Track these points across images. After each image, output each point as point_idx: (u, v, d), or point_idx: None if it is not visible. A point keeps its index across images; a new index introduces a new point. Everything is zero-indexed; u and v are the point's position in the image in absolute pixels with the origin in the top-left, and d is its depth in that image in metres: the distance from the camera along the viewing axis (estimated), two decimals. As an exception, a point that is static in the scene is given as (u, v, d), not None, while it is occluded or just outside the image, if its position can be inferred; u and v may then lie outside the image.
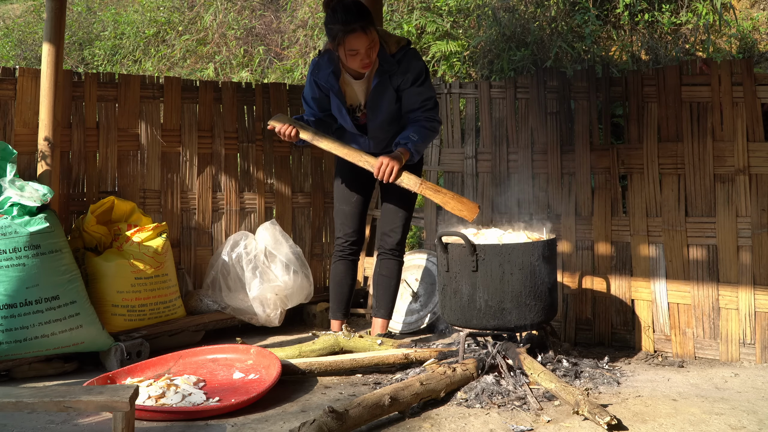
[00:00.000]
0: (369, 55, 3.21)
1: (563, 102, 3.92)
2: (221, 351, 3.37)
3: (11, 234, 3.21)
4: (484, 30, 6.63)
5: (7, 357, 3.21)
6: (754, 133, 3.41)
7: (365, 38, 3.16)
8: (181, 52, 8.20)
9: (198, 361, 3.30)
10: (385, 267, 3.67)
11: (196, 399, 2.87)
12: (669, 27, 6.24)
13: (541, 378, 2.87)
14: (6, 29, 9.47)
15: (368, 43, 3.17)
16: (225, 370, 3.23)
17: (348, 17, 3.14)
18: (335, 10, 3.18)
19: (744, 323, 3.40)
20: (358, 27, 3.13)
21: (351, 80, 3.37)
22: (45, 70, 3.59)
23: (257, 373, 3.16)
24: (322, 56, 3.35)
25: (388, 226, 3.62)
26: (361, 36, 3.15)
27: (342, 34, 3.15)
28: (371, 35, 3.18)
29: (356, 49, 3.17)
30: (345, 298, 3.70)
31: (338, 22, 3.15)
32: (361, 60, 3.21)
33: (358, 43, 3.15)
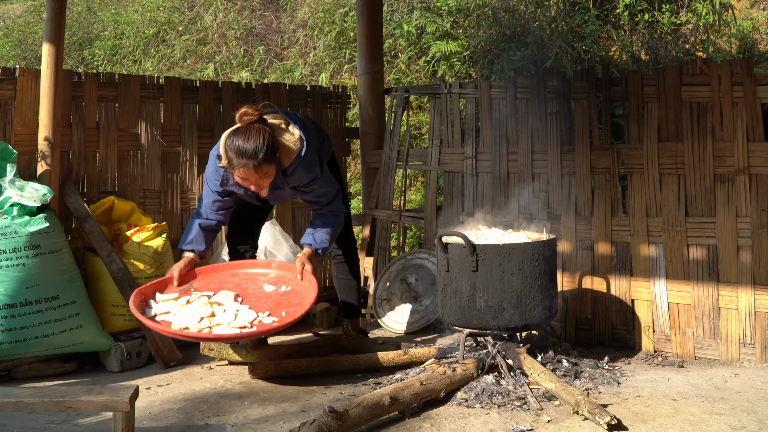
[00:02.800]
0: (260, 184, 3.11)
1: (563, 102, 3.92)
2: (240, 266, 3.35)
3: (11, 234, 3.21)
4: (484, 30, 6.63)
5: (7, 357, 3.21)
6: (754, 133, 3.41)
7: (253, 174, 3.04)
8: (181, 52, 8.20)
9: (220, 277, 3.29)
10: (336, 270, 3.75)
11: (247, 316, 2.90)
12: (669, 27, 6.24)
13: (541, 378, 2.87)
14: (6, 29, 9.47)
15: (258, 177, 3.06)
16: (252, 284, 3.21)
17: (241, 154, 3.01)
18: (232, 141, 3.03)
19: (744, 323, 3.40)
20: (249, 164, 3.01)
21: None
22: (45, 70, 3.59)
23: (287, 284, 3.15)
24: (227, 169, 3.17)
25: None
26: (249, 171, 3.03)
27: (232, 166, 3.05)
28: (261, 171, 3.04)
29: (246, 179, 3.07)
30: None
31: (231, 154, 3.03)
32: (253, 187, 3.12)
33: (245, 175, 3.05)
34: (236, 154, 3.03)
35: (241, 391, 3.08)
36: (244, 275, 3.31)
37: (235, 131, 3.06)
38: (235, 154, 3.03)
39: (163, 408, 2.88)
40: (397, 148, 4.57)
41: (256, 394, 3.03)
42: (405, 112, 4.63)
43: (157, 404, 2.93)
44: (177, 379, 3.29)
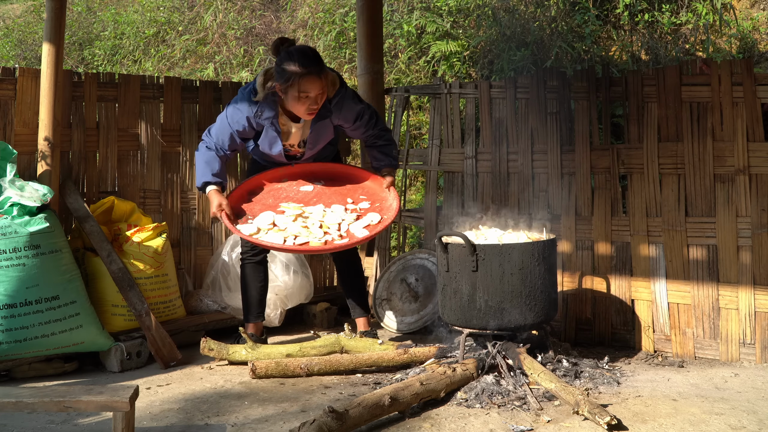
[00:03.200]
0: (317, 101, 3.21)
1: (563, 102, 3.92)
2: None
3: (11, 234, 3.21)
4: (484, 30, 6.63)
5: (7, 357, 3.21)
6: (754, 133, 3.41)
7: (319, 83, 3.17)
8: (181, 52, 8.20)
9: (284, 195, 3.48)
10: (341, 270, 3.75)
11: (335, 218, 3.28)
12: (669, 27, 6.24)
13: (541, 378, 2.87)
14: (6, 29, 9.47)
15: (320, 89, 3.19)
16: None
17: (306, 60, 3.16)
18: (291, 53, 3.18)
19: (744, 323, 3.40)
20: (314, 71, 3.15)
21: (288, 122, 3.38)
22: (45, 70, 3.59)
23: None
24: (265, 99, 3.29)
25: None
26: (315, 81, 3.16)
27: (297, 77, 3.14)
28: (323, 82, 3.19)
29: (308, 92, 3.17)
30: (254, 301, 3.68)
31: (295, 64, 3.14)
32: (308, 106, 3.21)
33: (311, 86, 3.16)
34: (300, 64, 3.13)
35: (241, 391, 3.08)
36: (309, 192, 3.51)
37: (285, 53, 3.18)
38: (299, 64, 3.13)
39: (163, 408, 2.88)
40: (398, 147, 4.56)
41: (256, 394, 3.03)
42: (405, 112, 4.63)
43: (157, 404, 2.93)
44: (177, 379, 3.29)
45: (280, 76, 3.19)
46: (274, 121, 3.33)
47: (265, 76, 3.30)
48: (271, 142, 3.40)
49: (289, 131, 3.42)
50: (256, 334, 3.66)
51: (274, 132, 3.36)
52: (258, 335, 3.67)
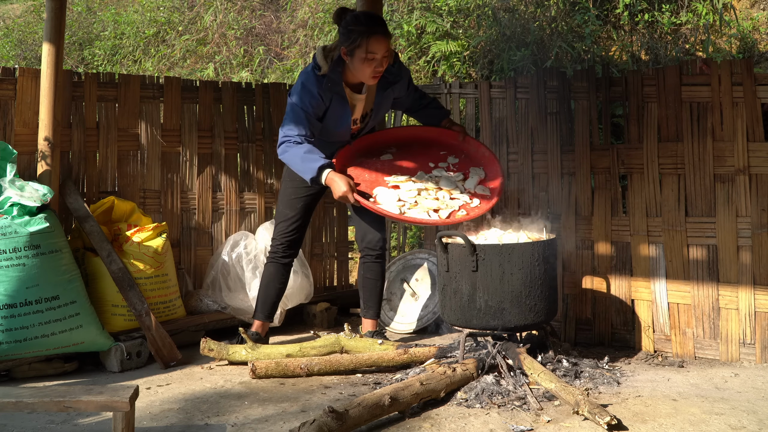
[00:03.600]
0: (382, 63, 3.26)
1: (563, 102, 3.92)
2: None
3: (11, 234, 3.21)
4: (484, 30, 6.63)
5: (7, 357, 3.21)
6: (754, 133, 3.41)
7: (386, 43, 3.23)
8: (181, 52, 8.20)
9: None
10: (369, 270, 3.70)
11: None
12: (669, 27, 6.24)
13: (541, 378, 2.87)
14: (6, 29, 9.47)
15: (386, 50, 3.24)
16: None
17: (372, 21, 3.24)
18: (357, 15, 3.27)
19: (744, 323, 3.40)
20: (380, 31, 3.22)
21: (353, 94, 3.40)
22: (45, 70, 3.59)
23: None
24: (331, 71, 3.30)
25: (365, 228, 3.65)
26: (382, 40, 3.21)
27: (365, 36, 3.19)
28: (389, 44, 3.26)
29: (375, 53, 3.21)
30: (270, 300, 3.69)
31: (362, 25, 3.21)
32: (374, 68, 3.24)
33: (378, 46, 3.20)
34: (367, 24, 3.20)
35: (241, 391, 3.08)
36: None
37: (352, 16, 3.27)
38: (366, 25, 3.20)
39: (163, 408, 2.88)
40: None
41: (256, 394, 3.03)
42: (405, 112, 4.62)
43: (157, 404, 2.93)
44: (177, 379, 3.29)
45: (347, 38, 3.23)
46: (341, 90, 3.34)
47: (325, 50, 3.33)
48: (338, 116, 3.38)
49: (353, 104, 3.42)
50: (261, 334, 3.67)
51: (342, 102, 3.35)
52: (262, 335, 3.68)
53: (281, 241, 3.63)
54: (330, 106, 3.35)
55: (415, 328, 4.14)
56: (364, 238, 3.66)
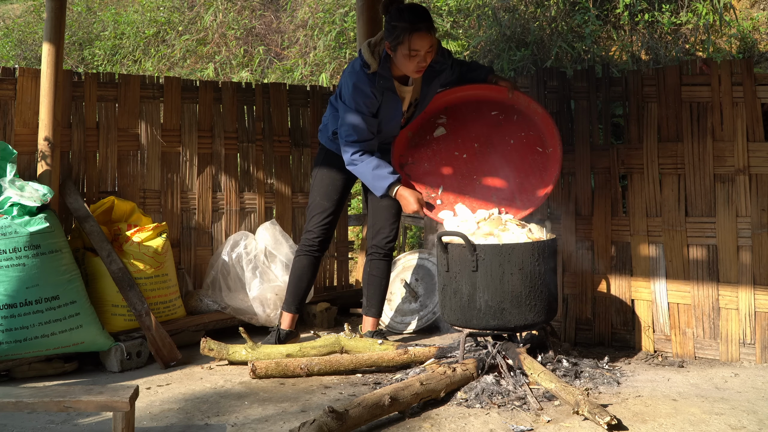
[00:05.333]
0: (426, 59, 3.23)
1: (563, 102, 3.92)
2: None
3: (11, 234, 3.21)
4: (484, 30, 6.63)
5: (7, 357, 3.21)
6: (754, 133, 3.41)
7: (429, 39, 3.19)
8: (181, 52, 8.20)
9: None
10: (375, 267, 3.70)
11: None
12: (669, 27, 6.24)
13: (541, 378, 2.87)
14: (6, 29, 9.47)
15: (430, 45, 3.21)
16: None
17: (415, 17, 3.18)
18: (401, 9, 3.21)
19: (744, 323, 3.40)
20: (423, 27, 3.17)
21: (401, 87, 3.39)
22: (45, 70, 3.59)
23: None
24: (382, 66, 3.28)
25: (380, 225, 3.65)
26: (425, 37, 3.18)
27: (408, 32, 3.16)
28: (433, 39, 3.22)
29: (418, 49, 3.19)
30: (302, 293, 3.71)
31: (405, 21, 3.17)
32: (418, 63, 3.22)
33: (421, 43, 3.18)
34: (410, 20, 3.16)
35: (241, 391, 3.08)
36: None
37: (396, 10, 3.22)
38: (409, 20, 3.16)
39: (163, 408, 2.88)
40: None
41: (256, 394, 3.03)
42: (405, 112, 4.62)
43: (157, 404, 2.93)
44: (177, 379, 3.29)
45: (390, 34, 3.21)
46: (392, 85, 3.32)
47: (370, 46, 3.30)
48: (391, 110, 3.37)
49: (403, 96, 3.41)
50: (293, 328, 3.71)
51: (394, 96, 3.34)
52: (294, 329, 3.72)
53: (317, 234, 3.62)
54: (383, 102, 3.34)
55: (415, 328, 4.14)
56: (376, 236, 3.66)
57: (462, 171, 3.50)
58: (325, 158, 3.66)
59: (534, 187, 3.43)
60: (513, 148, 3.51)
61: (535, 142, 3.51)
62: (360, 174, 3.35)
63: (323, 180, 3.63)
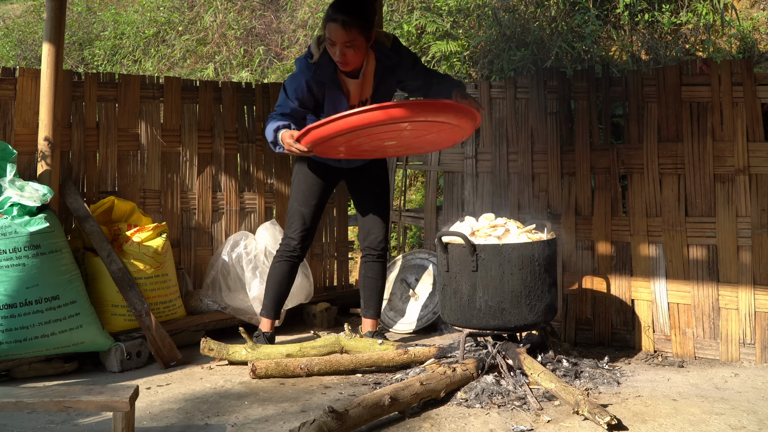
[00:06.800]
0: (344, 53, 3.15)
1: (563, 102, 3.92)
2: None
3: (11, 234, 3.21)
4: (484, 30, 6.63)
5: (7, 357, 3.21)
6: (754, 133, 3.41)
7: (342, 33, 3.10)
8: (181, 52, 8.20)
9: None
10: (370, 269, 3.71)
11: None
12: (669, 27, 6.24)
13: (541, 378, 2.87)
14: (6, 29, 9.47)
15: (345, 40, 3.11)
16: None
17: (336, 8, 3.11)
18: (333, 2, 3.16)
19: (744, 323, 3.40)
20: (339, 19, 3.09)
21: (347, 80, 3.36)
22: (45, 70, 3.59)
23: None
24: (321, 57, 3.28)
25: (369, 226, 3.65)
26: (338, 29, 3.10)
27: (325, 21, 3.14)
28: (350, 34, 3.11)
29: (332, 40, 3.14)
30: (282, 298, 3.71)
31: (328, 11, 3.14)
32: (334, 54, 3.17)
33: (335, 34, 3.12)
34: (331, 8, 3.09)
35: (241, 391, 3.08)
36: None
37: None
38: (331, 8, 3.09)
39: (163, 408, 2.88)
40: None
41: (256, 394, 3.03)
42: (405, 112, 4.62)
43: (157, 404, 2.93)
44: (177, 379, 3.29)
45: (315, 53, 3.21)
46: (334, 76, 3.28)
47: (319, 39, 3.28)
48: (335, 104, 3.33)
49: (348, 89, 3.36)
50: (271, 331, 3.71)
51: (337, 89, 3.31)
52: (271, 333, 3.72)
53: (298, 240, 3.62)
54: (326, 93, 3.32)
55: (415, 328, 4.14)
56: (367, 238, 3.67)
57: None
58: (300, 163, 3.67)
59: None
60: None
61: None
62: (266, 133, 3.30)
63: (300, 186, 3.62)
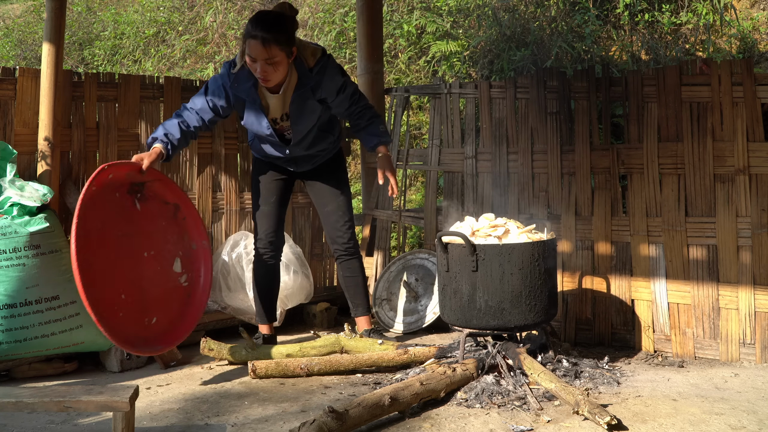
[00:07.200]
0: (265, 70, 3.13)
1: (563, 102, 3.92)
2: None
3: (11, 234, 3.21)
4: (484, 30, 6.63)
5: (7, 357, 3.21)
6: (754, 133, 3.41)
7: (262, 50, 3.08)
8: (181, 52, 8.20)
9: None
10: (347, 268, 3.71)
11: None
12: (669, 27, 6.24)
13: (541, 378, 2.87)
14: (6, 29, 9.47)
15: (265, 57, 3.09)
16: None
17: (256, 24, 3.09)
18: (253, 17, 3.14)
19: (744, 323, 3.40)
20: (259, 36, 3.07)
21: (267, 94, 3.33)
22: (45, 70, 3.59)
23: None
24: (242, 69, 3.23)
25: (335, 228, 3.65)
26: (258, 46, 3.07)
27: (245, 37, 3.11)
28: (270, 51, 3.08)
29: (253, 56, 3.10)
30: (272, 302, 3.71)
31: (247, 27, 3.11)
32: (255, 71, 3.14)
33: (254, 51, 3.09)
34: (251, 24, 3.08)
35: (241, 391, 3.08)
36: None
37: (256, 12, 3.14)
38: (250, 24, 3.08)
39: (163, 408, 2.88)
40: (397, 148, 4.57)
41: (256, 394, 3.03)
42: (405, 112, 4.63)
43: (157, 404, 2.93)
44: (177, 379, 3.29)
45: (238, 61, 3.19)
46: (252, 90, 3.27)
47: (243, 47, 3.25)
48: (256, 116, 3.34)
49: (268, 104, 3.35)
50: (270, 334, 3.71)
51: (255, 103, 3.30)
52: (271, 333, 3.72)
53: (266, 239, 3.61)
54: (246, 104, 3.33)
55: (414, 329, 4.14)
56: (334, 239, 3.67)
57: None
58: (253, 163, 3.69)
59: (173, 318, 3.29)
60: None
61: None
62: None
63: (256, 185, 3.63)
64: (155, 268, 3.28)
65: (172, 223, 3.37)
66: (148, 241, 3.28)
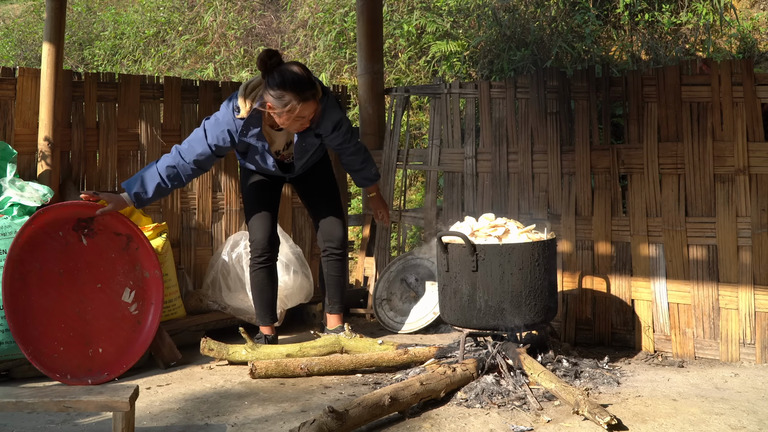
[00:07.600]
0: (310, 119, 3.22)
1: (563, 102, 3.92)
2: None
3: (11, 234, 3.21)
4: (484, 30, 6.63)
5: (7, 357, 3.21)
6: (754, 133, 3.41)
7: (314, 105, 3.17)
8: (181, 52, 8.20)
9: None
10: (333, 267, 3.74)
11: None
12: (669, 27, 6.24)
13: (541, 378, 2.87)
14: (6, 29, 9.47)
15: (314, 108, 3.18)
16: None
17: (301, 87, 3.10)
18: (285, 81, 3.09)
19: (744, 323, 3.40)
20: (311, 96, 3.13)
21: (271, 131, 3.38)
22: (45, 70, 3.59)
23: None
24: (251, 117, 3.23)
25: (328, 229, 3.67)
26: (312, 104, 3.15)
27: (296, 102, 3.10)
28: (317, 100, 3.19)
29: (305, 115, 3.17)
30: (272, 304, 3.71)
31: (291, 92, 3.08)
32: (302, 124, 3.22)
33: (308, 110, 3.16)
34: (297, 94, 3.09)
35: (241, 391, 3.08)
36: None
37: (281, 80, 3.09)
38: (296, 94, 3.09)
39: (163, 408, 2.88)
40: (397, 148, 4.57)
41: (256, 394, 3.03)
42: (405, 112, 4.63)
43: (157, 404, 2.93)
44: (177, 379, 3.29)
45: (279, 101, 3.11)
46: (260, 134, 3.31)
47: (246, 90, 3.23)
48: (262, 157, 3.42)
49: (273, 140, 3.43)
50: (272, 335, 3.71)
51: (262, 148, 3.36)
52: (273, 334, 3.72)
53: (260, 240, 3.60)
54: (250, 147, 3.37)
55: (415, 328, 4.14)
56: (327, 239, 3.68)
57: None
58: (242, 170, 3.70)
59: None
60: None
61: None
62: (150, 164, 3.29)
63: (247, 192, 3.64)
64: (102, 300, 3.29)
65: (123, 254, 3.38)
66: (95, 273, 3.29)
